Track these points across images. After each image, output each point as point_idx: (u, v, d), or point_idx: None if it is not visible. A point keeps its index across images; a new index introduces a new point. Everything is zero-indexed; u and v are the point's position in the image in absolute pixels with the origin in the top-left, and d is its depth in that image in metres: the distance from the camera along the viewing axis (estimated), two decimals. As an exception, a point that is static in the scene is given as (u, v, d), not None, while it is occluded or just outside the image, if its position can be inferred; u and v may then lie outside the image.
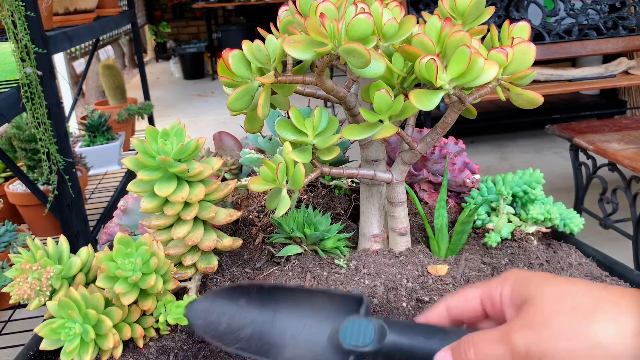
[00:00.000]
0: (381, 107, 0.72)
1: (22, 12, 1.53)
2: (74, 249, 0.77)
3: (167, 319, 0.75)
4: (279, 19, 0.80)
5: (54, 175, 1.68)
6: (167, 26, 8.68)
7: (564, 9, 3.04)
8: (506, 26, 0.76)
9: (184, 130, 0.77)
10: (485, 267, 0.87)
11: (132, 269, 0.70)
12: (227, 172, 1.08)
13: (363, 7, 0.65)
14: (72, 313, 0.68)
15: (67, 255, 0.76)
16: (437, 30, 0.71)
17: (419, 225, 0.97)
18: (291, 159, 0.74)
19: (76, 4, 2.25)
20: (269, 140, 1.05)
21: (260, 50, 0.71)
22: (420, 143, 0.82)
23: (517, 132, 4.29)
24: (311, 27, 0.65)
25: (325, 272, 0.85)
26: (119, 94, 3.27)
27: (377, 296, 0.80)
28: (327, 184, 1.05)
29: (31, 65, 1.58)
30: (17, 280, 0.70)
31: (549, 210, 0.91)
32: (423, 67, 0.67)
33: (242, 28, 7.40)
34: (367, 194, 0.89)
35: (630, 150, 2.11)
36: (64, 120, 1.80)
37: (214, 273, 0.86)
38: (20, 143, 1.99)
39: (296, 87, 0.79)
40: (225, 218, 0.81)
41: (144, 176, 0.75)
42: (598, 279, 0.85)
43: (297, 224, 0.87)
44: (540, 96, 0.73)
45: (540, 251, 0.90)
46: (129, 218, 0.95)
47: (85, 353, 0.69)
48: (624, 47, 3.09)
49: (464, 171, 1.00)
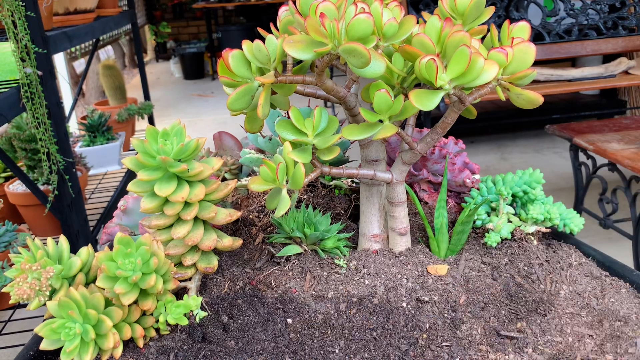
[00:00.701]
0: (381, 107, 0.72)
1: (22, 12, 1.53)
2: (74, 249, 0.77)
3: (167, 319, 0.75)
4: (279, 19, 0.80)
5: (54, 175, 1.68)
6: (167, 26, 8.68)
7: (564, 9, 3.04)
8: (506, 26, 0.76)
9: (184, 130, 0.77)
10: (485, 267, 0.87)
11: (132, 269, 0.70)
12: (227, 172, 1.08)
13: (363, 7, 0.65)
14: (72, 313, 0.68)
15: (67, 255, 0.76)
16: (437, 30, 0.71)
17: (419, 225, 0.97)
18: (291, 159, 0.74)
19: (76, 4, 2.25)
20: (269, 140, 1.05)
21: (260, 50, 0.72)
22: (420, 143, 0.82)
23: (517, 132, 4.29)
24: (311, 27, 0.65)
25: (325, 272, 0.85)
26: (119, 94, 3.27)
27: (377, 296, 0.80)
28: (327, 184, 1.05)
29: (31, 65, 1.58)
30: (17, 280, 0.70)
31: (549, 210, 0.91)
32: (423, 67, 0.67)
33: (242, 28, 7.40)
34: (367, 194, 0.89)
35: (630, 150, 2.11)
36: (64, 120, 1.80)
37: (214, 273, 0.86)
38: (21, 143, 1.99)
39: (296, 87, 0.79)
40: (225, 218, 0.81)
41: (144, 176, 0.75)
42: (598, 278, 0.86)
43: (297, 224, 0.87)
44: (540, 96, 0.73)
45: (540, 251, 0.90)
46: (129, 218, 0.95)
47: (85, 353, 0.69)
48: (623, 47, 3.09)
49: (463, 171, 1.00)
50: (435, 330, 0.75)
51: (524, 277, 0.85)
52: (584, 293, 0.82)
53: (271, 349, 0.74)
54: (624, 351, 0.72)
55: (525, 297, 0.81)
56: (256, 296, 0.82)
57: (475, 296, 0.81)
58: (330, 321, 0.77)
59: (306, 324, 0.77)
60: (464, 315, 0.78)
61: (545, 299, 0.81)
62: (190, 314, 0.78)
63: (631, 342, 0.73)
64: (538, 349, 0.73)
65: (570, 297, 0.81)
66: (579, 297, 0.81)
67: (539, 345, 0.73)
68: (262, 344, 0.75)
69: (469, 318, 0.77)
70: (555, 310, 0.79)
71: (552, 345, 0.73)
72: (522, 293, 0.82)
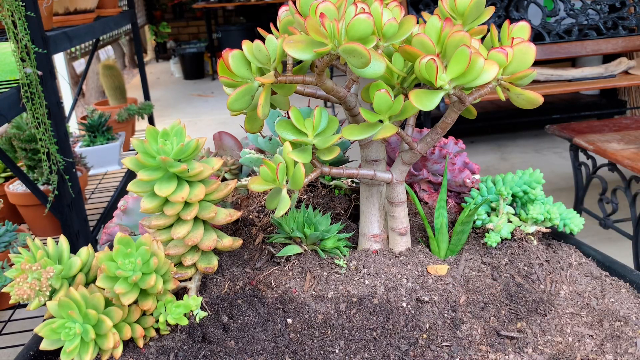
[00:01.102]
0: (381, 107, 0.72)
1: (22, 12, 1.53)
2: (74, 249, 0.77)
3: (167, 319, 0.75)
4: (279, 19, 0.80)
5: (54, 175, 1.68)
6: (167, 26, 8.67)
7: (564, 9, 3.04)
8: (506, 26, 0.76)
9: (184, 130, 0.77)
10: (485, 267, 0.87)
11: (132, 269, 0.70)
12: (227, 172, 1.08)
13: (363, 7, 0.65)
14: (72, 313, 0.68)
15: (67, 255, 0.76)
16: (437, 30, 0.71)
17: (419, 225, 0.97)
18: (291, 159, 0.74)
19: (76, 4, 2.24)
20: (269, 140, 1.05)
21: (260, 50, 0.72)
22: (420, 143, 0.82)
23: (517, 132, 4.29)
24: (311, 27, 0.65)
25: (325, 272, 0.85)
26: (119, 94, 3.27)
27: (377, 296, 0.80)
28: (327, 184, 1.05)
29: (31, 65, 1.58)
30: (17, 281, 0.70)
31: (549, 210, 0.91)
32: (423, 67, 0.67)
33: (242, 28, 7.40)
34: (367, 194, 0.89)
35: (630, 150, 2.11)
36: (64, 120, 1.80)
37: (214, 273, 0.86)
38: (20, 143, 1.99)
39: (296, 87, 0.79)
40: (225, 218, 0.81)
41: (144, 176, 0.75)
42: (598, 278, 0.86)
43: (297, 224, 0.87)
44: (540, 96, 0.73)
45: (540, 251, 0.90)
46: (129, 218, 0.95)
47: (85, 353, 0.69)
48: (623, 47, 3.09)
49: (463, 171, 1.00)
50: (435, 330, 0.75)
51: (524, 277, 0.85)
52: (584, 293, 0.82)
53: (271, 349, 0.74)
54: (624, 351, 0.72)
55: (525, 297, 0.81)
56: (256, 296, 0.82)
57: (475, 296, 0.81)
58: (330, 321, 0.77)
59: (306, 324, 0.77)
60: (464, 315, 0.78)
61: (545, 299, 0.81)
62: (190, 314, 0.78)
63: (631, 342, 0.73)
64: (538, 349, 0.73)
65: (570, 297, 0.81)
66: (579, 297, 0.81)
67: (539, 345, 0.73)
68: (262, 344, 0.75)
69: (469, 318, 0.77)
70: (555, 310, 0.79)
71: (552, 345, 0.73)
72: (522, 293, 0.82)
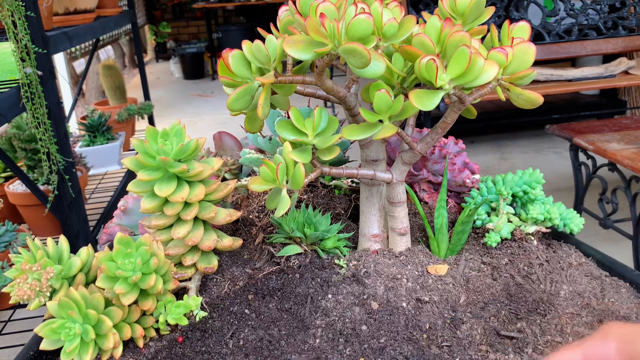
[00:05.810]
0: (381, 107, 0.72)
1: (22, 12, 1.53)
2: (74, 249, 0.77)
3: (167, 319, 0.75)
4: (279, 19, 0.80)
5: (54, 175, 1.68)
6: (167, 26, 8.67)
7: (564, 9, 3.04)
8: (506, 26, 0.76)
9: (184, 130, 0.77)
10: (485, 267, 0.87)
11: (132, 269, 0.70)
12: (227, 172, 1.08)
13: (363, 7, 0.65)
14: (72, 313, 0.68)
15: (67, 255, 0.76)
16: (437, 30, 0.71)
17: (419, 225, 0.97)
18: (291, 159, 0.74)
19: (76, 4, 2.24)
20: (269, 140, 1.05)
21: (260, 50, 0.72)
22: (420, 143, 0.82)
23: (517, 132, 4.28)
24: (311, 27, 0.65)
25: (325, 272, 0.85)
26: (119, 94, 3.27)
27: (377, 296, 0.80)
28: (327, 184, 1.05)
29: (31, 65, 1.58)
30: (17, 281, 0.70)
31: (549, 210, 0.91)
32: (423, 67, 0.67)
33: (242, 28, 7.39)
34: (367, 194, 0.89)
35: (630, 150, 2.11)
36: (64, 120, 1.80)
37: (214, 273, 0.86)
38: (20, 143, 1.99)
39: (296, 87, 0.79)
40: (225, 218, 0.81)
41: (144, 176, 0.75)
42: (598, 278, 0.86)
43: (297, 224, 0.87)
44: (540, 96, 0.73)
45: (540, 251, 0.90)
46: (129, 218, 0.95)
47: (85, 353, 0.69)
48: (623, 47, 3.09)
49: (463, 171, 1.00)
50: (435, 330, 0.75)
51: (524, 277, 0.85)
52: (584, 293, 0.82)
53: (271, 349, 0.74)
54: (624, 351, 0.71)
55: (525, 297, 0.81)
56: (256, 296, 0.82)
57: (475, 296, 0.81)
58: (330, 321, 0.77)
59: (306, 324, 0.77)
60: (464, 315, 0.78)
61: (545, 299, 0.80)
62: (190, 314, 0.78)
63: (631, 342, 0.73)
64: (538, 349, 0.73)
65: (570, 297, 0.81)
66: (579, 297, 0.81)
67: (539, 345, 0.73)
68: (262, 344, 0.75)
69: (469, 318, 0.77)
70: (555, 310, 0.79)
71: (552, 345, 0.73)
72: (522, 293, 0.82)
